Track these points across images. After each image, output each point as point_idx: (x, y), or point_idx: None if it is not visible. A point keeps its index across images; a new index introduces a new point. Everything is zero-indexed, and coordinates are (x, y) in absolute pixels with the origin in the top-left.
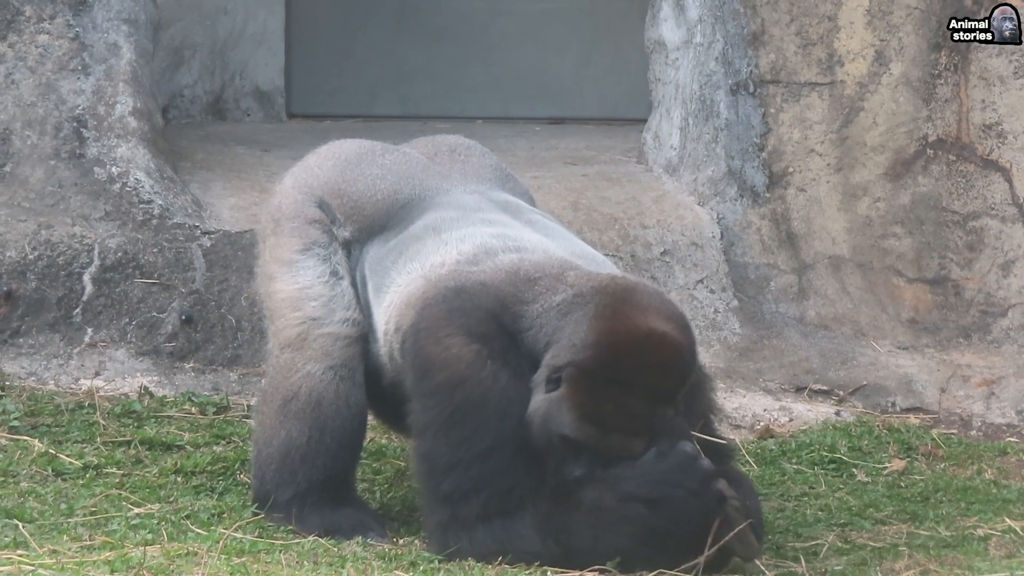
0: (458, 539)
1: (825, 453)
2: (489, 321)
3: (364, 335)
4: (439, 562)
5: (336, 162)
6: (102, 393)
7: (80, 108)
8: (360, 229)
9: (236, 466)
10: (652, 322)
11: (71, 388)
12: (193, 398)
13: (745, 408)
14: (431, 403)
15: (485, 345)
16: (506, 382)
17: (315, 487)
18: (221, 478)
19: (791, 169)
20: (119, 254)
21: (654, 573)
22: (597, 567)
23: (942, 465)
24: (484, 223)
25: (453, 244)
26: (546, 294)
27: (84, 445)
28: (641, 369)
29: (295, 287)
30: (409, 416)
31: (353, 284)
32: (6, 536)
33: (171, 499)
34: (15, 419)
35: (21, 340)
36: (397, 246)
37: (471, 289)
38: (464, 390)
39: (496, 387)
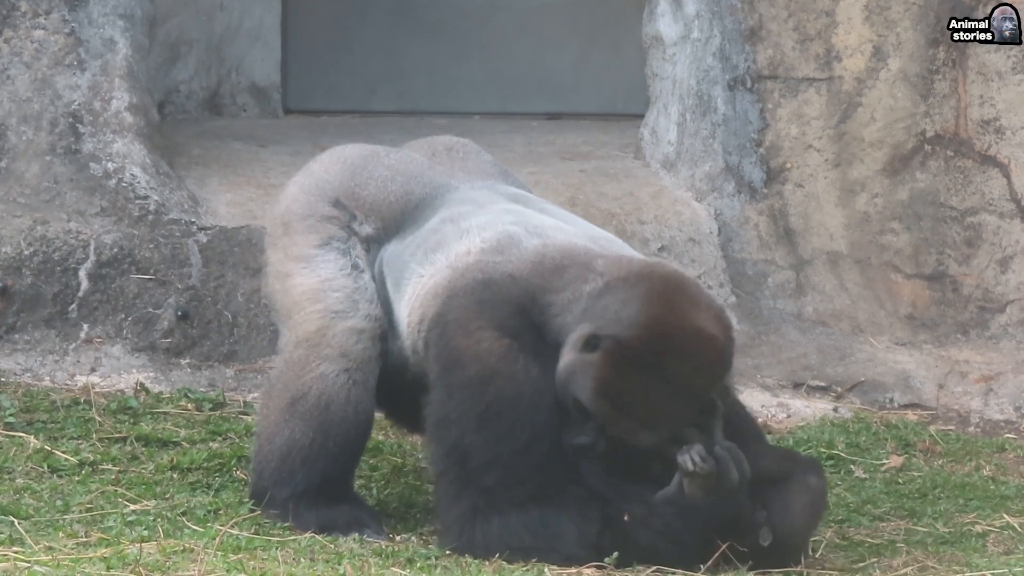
0: (488, 522)
1: (823, 449)
2: (519, 315)
3: (384, 333)
4: (436, 559)
5: (343, 166)
6: (98, 389)
7: (76, 103)
8: (377, 230)
9: (232, 462)
10: (703, 320)
11: (67, 384)
12: (189, 394)
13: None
14: (461, 396)
15: (516, 340)
16: (537, 376)
17: (312, 488)
18: (217, 474)
19: (789, 165)
20: (115, 250)
21: (652, 569)
22: (595, 564)
23: (940, 461)
24: (502, 212)
25: (475, 232)
26: (576, 283)
27: (80, 441)
28: (681, 365)
29: (316, 280)
30: (428, 407)
31: (373, 280)
32: (2, 533)
33: (167, 496)
34: (10, 415)
35: (16, 336)
36: (415, 241)
37: (500, 281)
38: (496, 385)
39: (528, 381)
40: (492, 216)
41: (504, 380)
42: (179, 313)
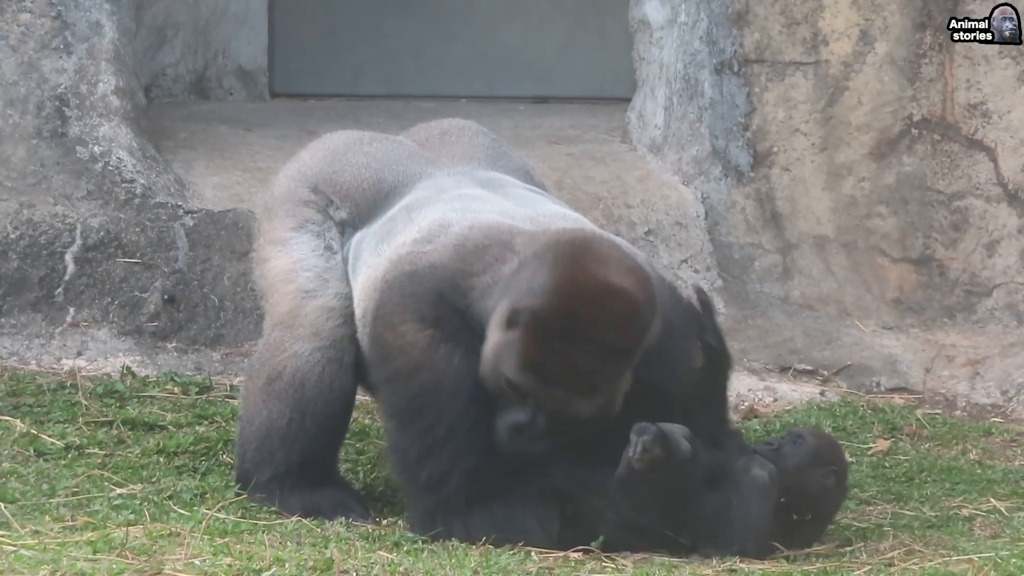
0: (450, 523)
1: None
2: (440, 303)
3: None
4: (423, 542)
5: (326, 153)
6: (84, 373)
7: (62, 87)
8: (351, 215)
9: (219, 446)
10: (611, 274)
11: (53, 368)
12: (175, 378)
13: (730, 388)
14: (390, 391)
15: (438, 329)
16: (458, 363)
17: (293, 469)
18: (204, 458)
19: (775, 149)
20: (101, 233)
21: (638, 555)
22: (581, 547)
23: (927, 445)
24: (454, 199)
25: (418, 221)
26: (495, 264)
27: (66, 425)
28: (594, 322)
29: (289, 261)
30: (378, 405)
31: (344, 262)
32: None
33: (153, 479)
34: None
35: (3, 320)
36: (373, 229)
37: (422, 273)
38: (419, 377)
39: (449, 369)
40: (442, 203)
41: (426, 372)
42: (165, 297)
